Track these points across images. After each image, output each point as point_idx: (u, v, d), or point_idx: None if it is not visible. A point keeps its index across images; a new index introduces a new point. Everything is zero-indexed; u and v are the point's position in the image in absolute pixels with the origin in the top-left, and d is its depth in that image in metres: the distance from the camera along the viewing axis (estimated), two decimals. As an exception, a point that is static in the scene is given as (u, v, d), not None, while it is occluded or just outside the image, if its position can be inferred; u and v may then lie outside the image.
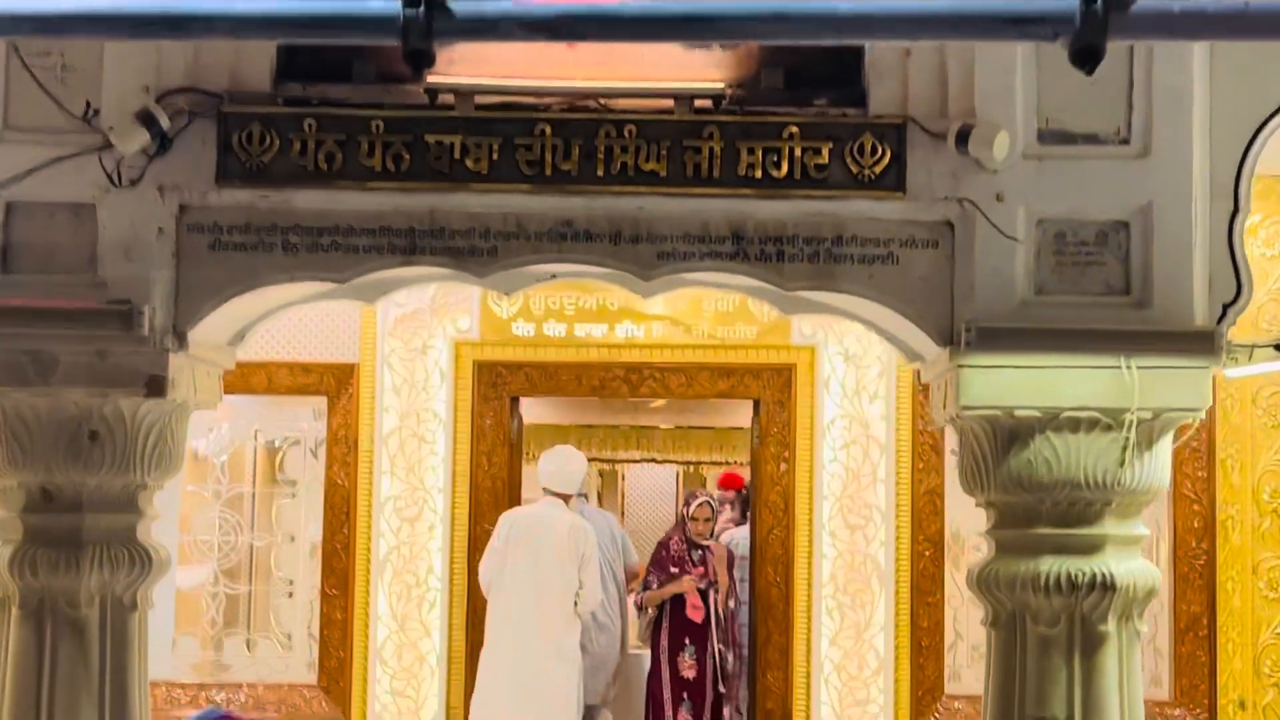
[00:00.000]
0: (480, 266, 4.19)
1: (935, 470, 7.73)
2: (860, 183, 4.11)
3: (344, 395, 7.80)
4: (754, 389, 8.07)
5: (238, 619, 8.06)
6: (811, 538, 7.83)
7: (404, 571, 7.81)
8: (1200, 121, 4.07)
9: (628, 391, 8.26)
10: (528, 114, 4.15)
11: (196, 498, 7.95)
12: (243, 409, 7.78)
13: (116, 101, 4.03)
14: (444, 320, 7.87)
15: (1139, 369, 3.96)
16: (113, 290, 4.05)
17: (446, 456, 7.87)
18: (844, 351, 7.84)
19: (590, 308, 7.86)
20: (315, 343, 7.62)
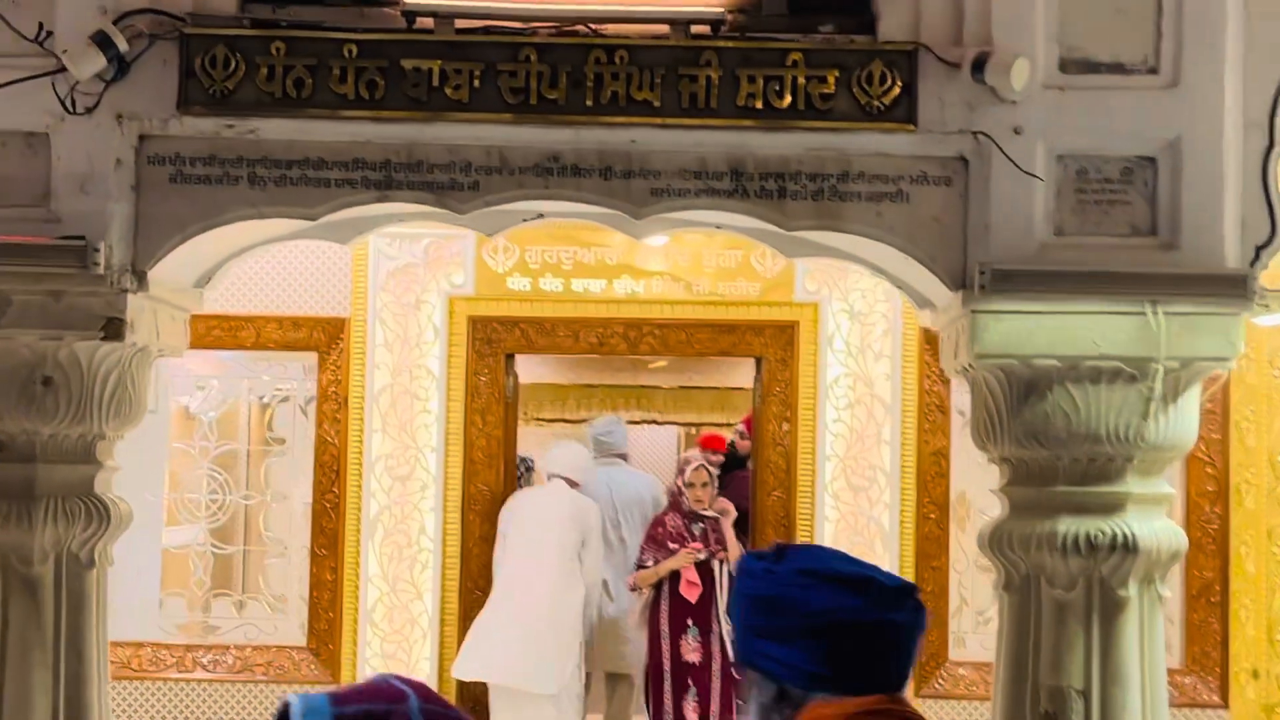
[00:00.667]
0: (460, 203, 4.03)
1: (942, 431, 7.55)
2: (868, 114, 3.93)
3: (335, 351, 7.60)
4: (756, 347, 7.85)
5: (228, 580, 7.95)
6: (814, 500, 7.67)
7: (395, 532, 7.66)
8: (1233, 51, 3.88)
9: (626, 349, 8.09)
10: (512, 39, 3.98)
11: (185, 455, 7.78)
12: (231, 365, 7.62)
13: (71, 23, 3.86)
14: (438, 274, 7.71)
15: (1166, 315, 3.78)
16: (67, 225, 3.89)
17: (440, 415, 7.70)
18: (848, 308, 7.65)
19: (588, 262, 7.72)
20: (305, 296, 7.45)
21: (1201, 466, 7.17)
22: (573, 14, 4.00)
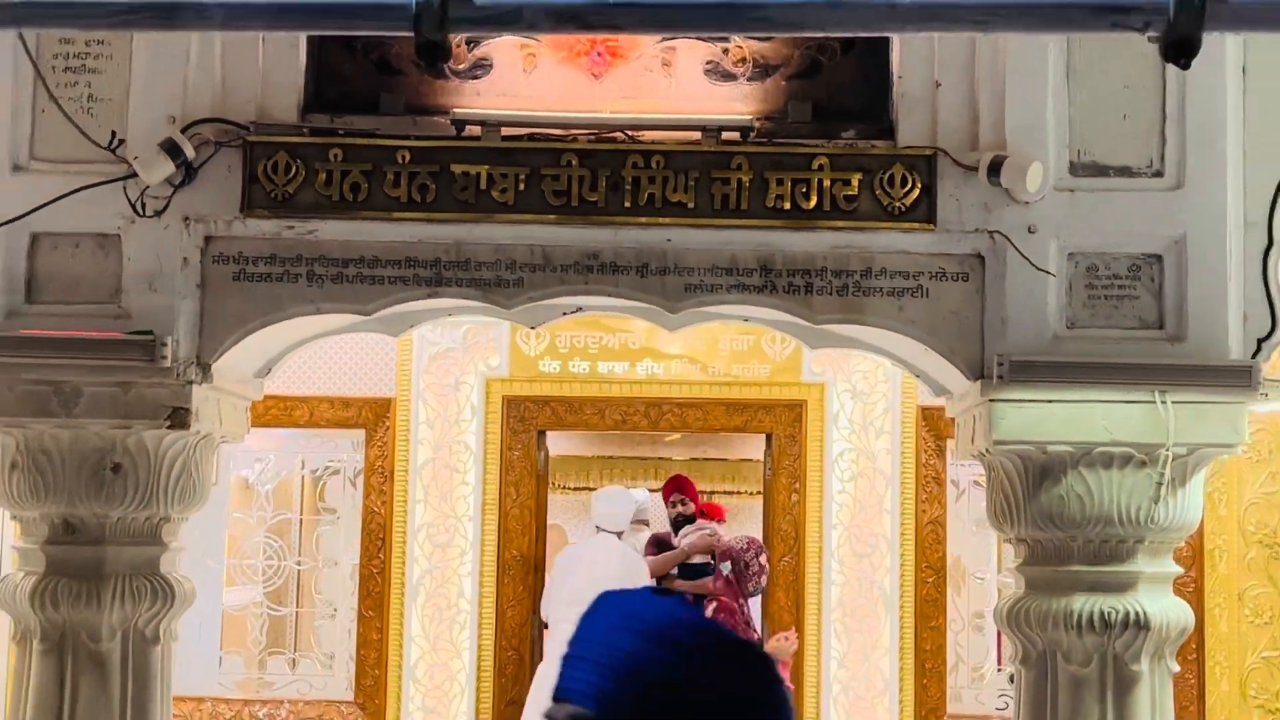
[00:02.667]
0: (506, 299, 3.87)
1: (938, 501, 7.45)
2: (890, 214, 3.79)
3: (381, 428, 7.52)
4: (766, 423, 7.70)
5: (281, 639, 7.84)
6: (821, 565, 7.53)
7: (436, 595, 7.51)
8: (1234, 154, 3.76)
9: (647, 425, 7.90)
10: (554, 145, 3.84)
11: (243, 524, 7.70)
12: (287, 441, 7.54)
13: (142, 131, 3.73)
14: (475, 358, 7.61)
15: (1174, 404, 3.61)
16: (136, 321, 3.74)
17: (477, 486, 7.54)
18: (852, 388, 7.55)
19: (613, 346, 7.59)
20: (354, 378, 7.41)
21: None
22: (611, 122, 3.86)
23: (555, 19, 2.23)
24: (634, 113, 3.90)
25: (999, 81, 3.71)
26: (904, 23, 2.41)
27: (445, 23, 2.08)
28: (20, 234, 3.69)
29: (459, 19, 2.10)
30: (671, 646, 1.53)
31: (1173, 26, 2.03)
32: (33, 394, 3.66)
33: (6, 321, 3.69)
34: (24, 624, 3.80)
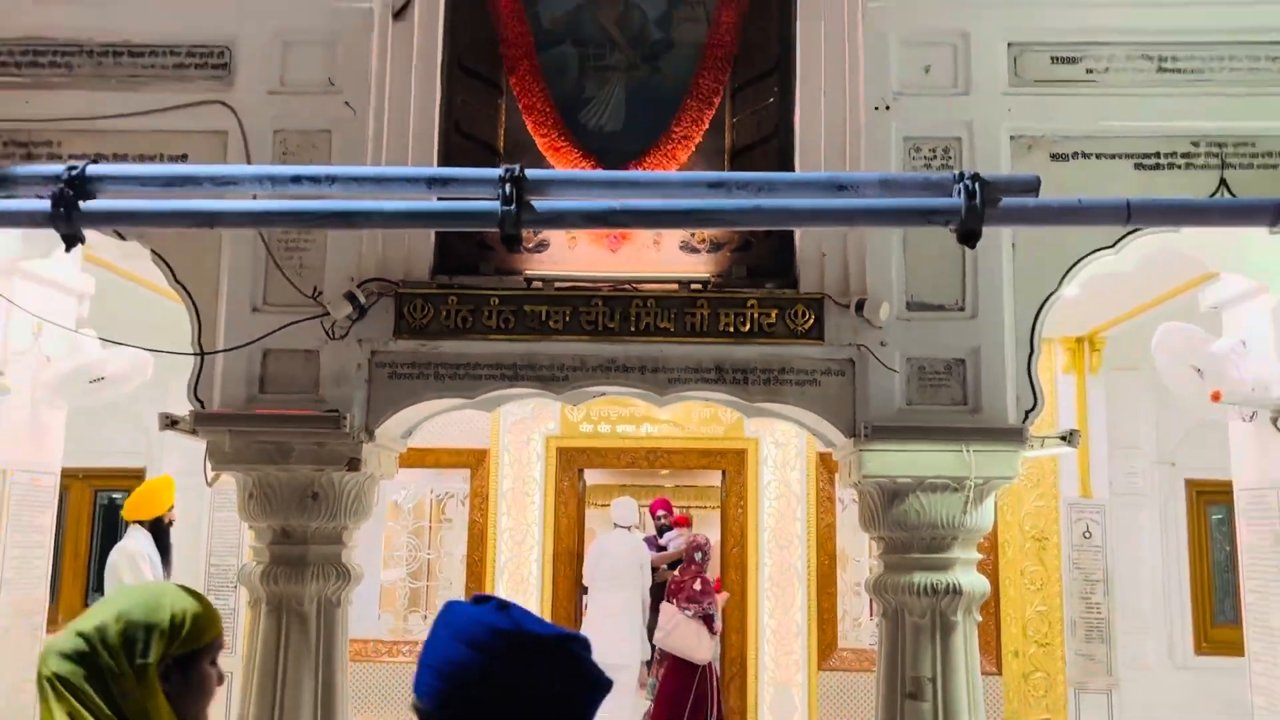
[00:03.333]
0: (558, 390, 4.45)
1: (830, 512, 8.76)
2: (795, 335, 4.36)
3: (480, 468, 8.91)
4: (721, 463, 9.14)
5: (417, 602, 9.18)
6: (758, 553, 8.82)
7: (514, 574, 8.80)
8: (1007, 297, 4.38)
9: (647, 464, 9.28)
10: (588, 293, 4.43)
11: (395, 529, 9.12)
12: (421, 476, 8.87)
13: (332, 286, 4.37)
14: (539, 423, 8.95)
15: (974, 452, 4.23)
16: (328, 404, 4.33)
17: (539, 505, 8.90)
18: (775, 441, 8.86)
19: (625, 415, 8.95)
20: (463, 435, 8.65)
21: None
22: (621, 278, 4.49)
23: (586, 221, 2.76)
24: (636, 272, 4.51)
25: (862, 251, 4.34)
26: (798, 222, 3.15)
27: (519, 224, 2.54)
28: (257, 351, 4.34)
29: (527, 221, 2.56)
30: (478, 648, 1.55)
31: (964, 223, 2.44)
32: (264, 449, 4.27)
33: (247, 404, 4.31)
34: (255, 595, 4.37)
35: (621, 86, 4.89)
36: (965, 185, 2.46)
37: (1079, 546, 8.52)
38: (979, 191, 2.43)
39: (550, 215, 2.58)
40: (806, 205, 2.54)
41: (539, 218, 2.56)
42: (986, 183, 2.44)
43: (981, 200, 2.41)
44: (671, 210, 2.59)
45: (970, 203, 2.41)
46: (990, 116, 4.48)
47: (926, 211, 2.48)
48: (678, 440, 8.94)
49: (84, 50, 4.61)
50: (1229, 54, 4.49)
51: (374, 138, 4.54)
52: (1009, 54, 4.53)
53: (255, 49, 4.61)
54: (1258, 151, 4.43)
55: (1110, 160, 4.46)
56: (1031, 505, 8.55)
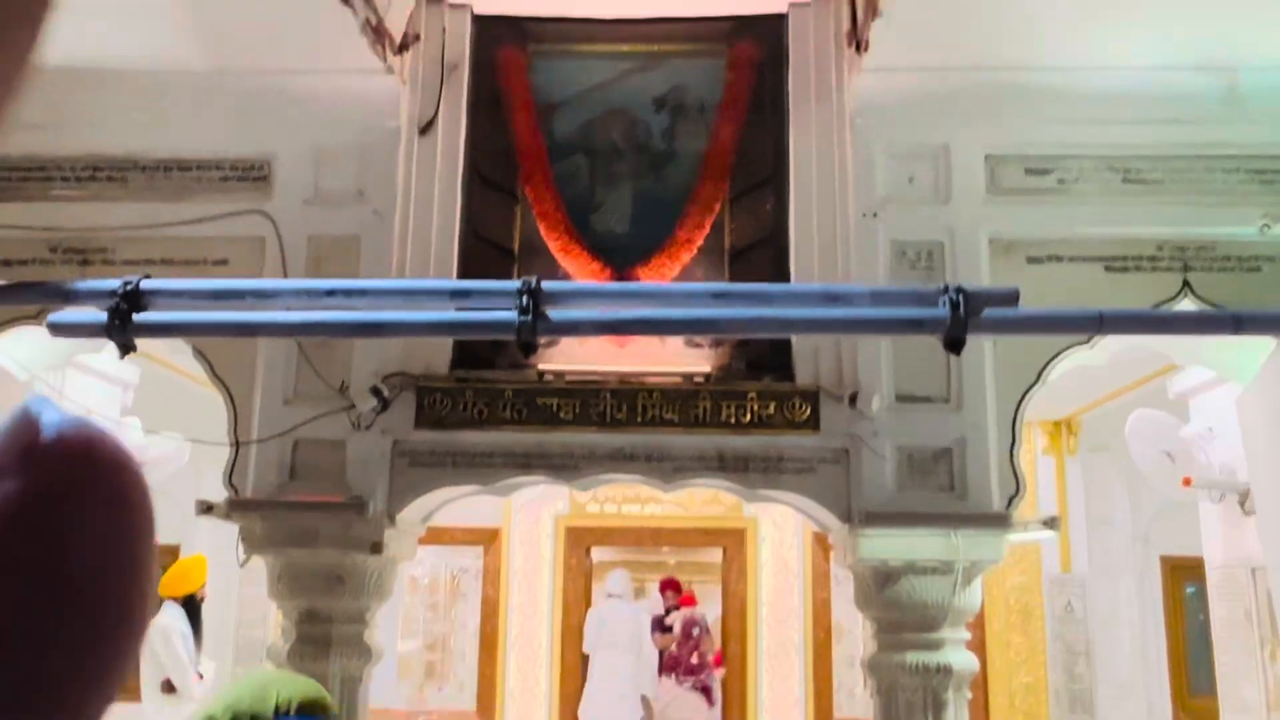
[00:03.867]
0: (569, 477, 4.49)
1: (825, 588, 8.65)
2: (792, 425, 4.39)
3: (493, 545, 8.87)
4: (722, 541, 9.06)
5: (433, 673, 9.00)
6: (756, 625, 8.71)
7: (525, 647, 8.70)
8: (991, 390, 4.41)
9: (652, 543, 9.32)
10: (597, 386, 4.46)
11: (412, 603, 8.98)
12: (438, 552, 8.73)
13: (358, 381, 4.41)
14: (549, 503, 8.87)
15: (961, 536, 4.23)
16: (353, 491, 4.37)
17: (550, 581, 8.83)
18: (773, 521, 8.76)
19: (632, 495, 8.84)
20: (477, 515, 8.34)
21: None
22: (629, 372, 4.48)
23: (597, 330, 2.82)
24: (643, 366, 4.49)
25: (853, 347, 4.36)
26: (794, 331, 3.23)
27: (535, 332, 2.61)
28: (288, 440, 4.37)
29: (543, 329, 2.62)
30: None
31: (949, 332, 2.51)
32: (292, 534, 4.29)
33: (278, 490, 4.33)
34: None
35: (629, 193, 4.99)
36: (950, 297, 2.49)
37: (1061, 619, 8.45)
38: (963, 303, 2.48)
39: (565, 324, 2.65)
40: (802, 315, 2.59)
41: (554, 326, 2.63)
42: (970, 295, 2.47)
43: (965, 311, 2.48)
44: (677, 320, 2.66)
45: (955, 314, 2.49)
46: (970, 222, 4.55)
47: (914, 322, 2.54)
48: (681, 520, 8.90)
49: (138, 165, 4.73)
50: (1187, 167, 4.57)
51: (399, 242, 4.62)
52: (986, 165, 4.63)
53: (292, 163, 4.72)
54: (1217, 255, 4.49)
55: (1082, 263, 4.52)
56: (1015, 580, 8.48)
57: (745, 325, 2.67)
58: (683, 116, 5.03)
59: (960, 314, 2.47)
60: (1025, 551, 8.43)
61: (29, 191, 4.72)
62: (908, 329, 2.57)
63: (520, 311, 2.55)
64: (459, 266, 4.66)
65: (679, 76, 5.05)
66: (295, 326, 2.64)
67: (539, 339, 2.67)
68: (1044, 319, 2.52)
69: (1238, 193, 4.52)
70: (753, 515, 8.76)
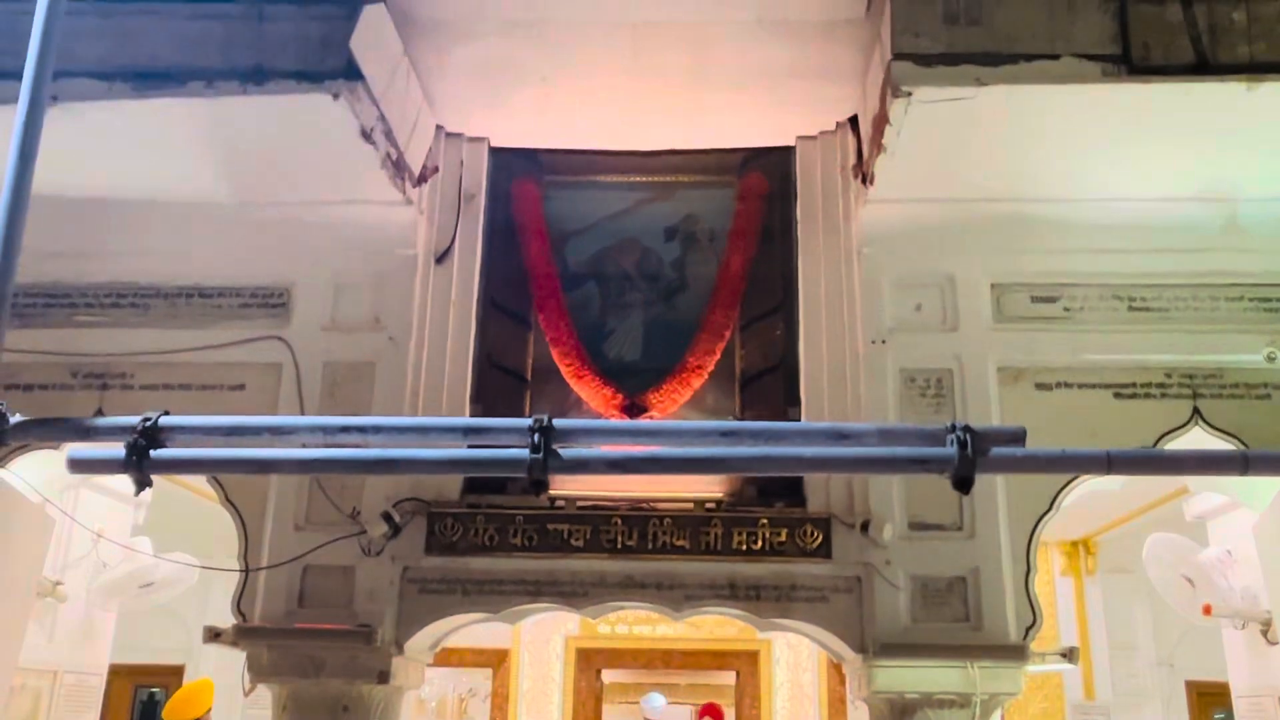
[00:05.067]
0: (578, 604, 4.49)
1: (841, 714, 8.27)
2: (804, 553, 4.40)
3: (502, 667, 8.68)
4: (735, 664, 8.84)
5: None
6: None
7: None
8: (1004, 518, 4.42)
9: (663, 665, 8.97)
10: (607, 512, 4.49)
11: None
12: (446, 674, 8.59)
13: (370, 506, 4.45)
14: (559, 625, 8.68)
15: (978, 668, 4.19)
16: (361, 618, 4.35)
17: (559, 703, 8.59)
18: (787, 643, 8.52)
19: (643, 617, 8.59)
20: (486, 636, 8.18)
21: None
22: (640, 499, 4.52)
23: (607, 466, 2.59)
24: (653, 493, 4.51)
25: (865, 477, 4.38)
26: (804, 469, 3.20)
27: (545, 470, 2.48)
28: (298, 567, 4.39)
29: (553, 468, 2.47)
30: None
31: (956, 471, 2.41)
32: (299, 663, 4.25)
33: (286, 618, 4.33)
34: None
35: (640, 320, 5.07)
36: (958, 436, 2.48)
37: (1088, 749, 8.16)
38: (970, 442, 2.44)
39: (575, 462, 2.57)
40: (811, 454, 2.55)
41: (564, 464, 2.56)
42: (977, 434, 2.46)
43: (973, 450, 2.42)
44: (687, 458, 2.61)
45: (963, 453, 2.43)
46: (978, 350, 4.60)
47: (922, 460, 2.48)
48: (693, 641, 8.72)
49: (160, 293, 4.84)
50: (1191, 295, 4.63)
51: (414, 367, 4.68)
52: (992, 294, 4.69)
53: (310, 291, 4.82)
54: (1225, 382, 4.51)
55: (1090, 389, 4.54)
56: (1038, 708, 8.22)
57: (754, 464, 2.65)
58: (693, 246, 5.14)
59: (968, 453, 2.42)
60: (1046, 678, 8.19)
61: (53, 318, 4.82)
62: (915, 468, 2.49)
63: (531, 449, 2.51)
64: (473, 392, 4.72)
65: (690, 206, 5.17)
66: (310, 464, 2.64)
67: (549, 477, 2.59)
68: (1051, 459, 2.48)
69: (1242, 320, 4.56)
70: (767, 637, 8.52)
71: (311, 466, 2.70)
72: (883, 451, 2.58)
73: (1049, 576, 8.40)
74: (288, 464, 2.64)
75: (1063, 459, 2.52)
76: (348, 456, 2.64)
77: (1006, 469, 2.57)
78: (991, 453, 2.46)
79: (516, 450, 2.57)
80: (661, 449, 2.64)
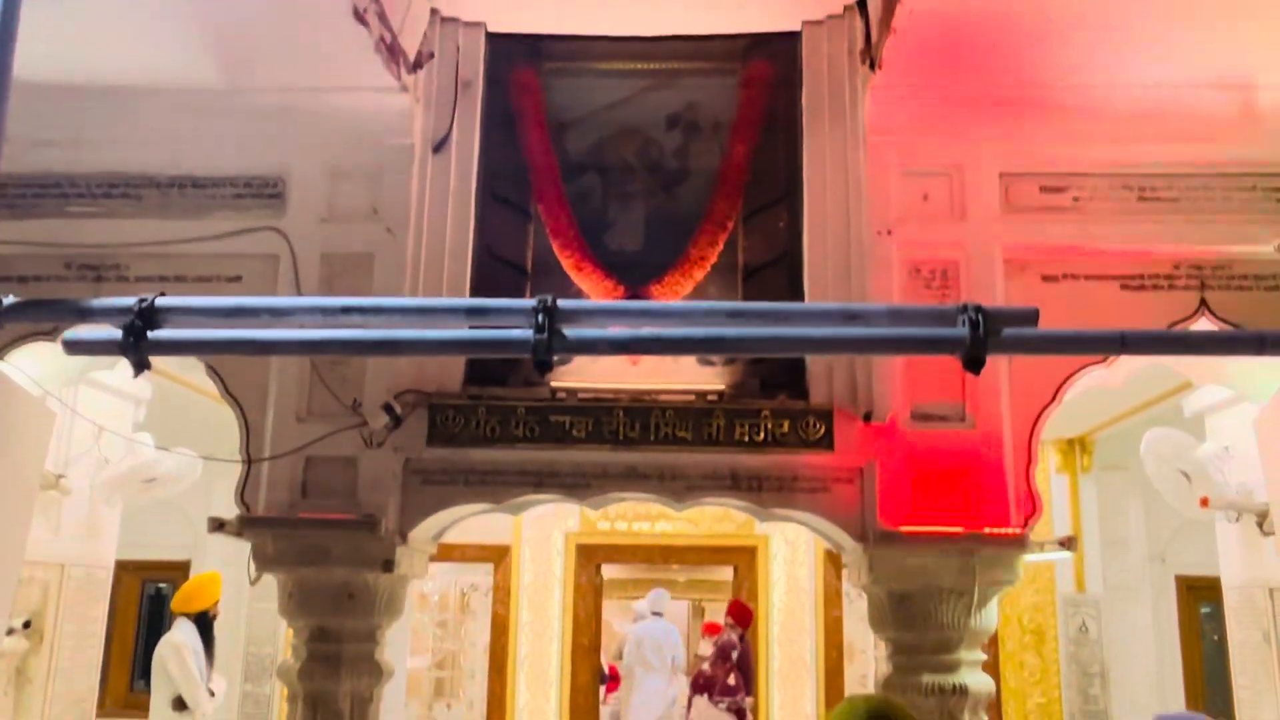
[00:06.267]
0: (580, 496, 4.48)
1: (837, 606, 8.57)
2: (807, 444, 4.38)
3: (503, 562, 8.79)
4: (733, 559, 8.99)
5: (442, 691, 9.12)
6: (768, 646, 8.61)
7: (535, 664, 8.66)
8: (1006, 409, 4.41)
9: (662, 560, 9.17)
10: (609, 404, 4.45)
11: (421, 620, 9.00)
12: (448, 569, 8.77)
13: (371, 398, 4.41)
14: (560, 520, 8.80)
15: (978, 559, 4.22)
16: (365, 508, 4.36)
17: (560, 598, 8.74)
18: (785, 539, 8.68)
19: (642, 513, 8.77)
20: (487, 532, 8.27)
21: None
22: (642, 390, 4.50)
23: (614, 349, 2.70)
24: (655, 384, 4.50)
25: (868, 366, 4.38)
26: (812, 350, 3.18)
27: (550, 350, 2.49)
28: (300, 458, 4.36)
29: (558, 348, 2.51)
30: None
31: (968, 351, 2.43)
32: (304, 552, 4.27)
33: (290, 508, 4.32)
34: (292, 690, 4.35)
35: (641, 211, 4.97)
36: (969, 316, 2.46)
37: (1076, 640, 8.34)
38: (982, 322, 2.43)
39: (580, 343, 2.55)
40: (820, 334, 2.53)
41: (570, 345, 2.54)
42: (989, 314, 2.44)
43: (985, 331, 2.40)
44: (694, 338, 2.56)
45: (974, 333, 2.41)
46: (985, 240, 4.52)
47: (933, 341, 2.48)
48: (691, 537, 8.82)
49: (153, 183, 4.73)
50: (1203, 185, 4.55)
51: (413, 260, 4.60)
52: (1001, 184, 4.60)
53: (306, 181, 4.71)
54: (1234, 274, 4.47)
55: (1097, 281, 4.49)
56: (1029, 601, 8.39)
57: (762, 344, 2.60)
58: (696, 135, 5.02)
59: (980, 333, 2.40)
60: (1039, 571, 8.34)
61: (44, 208, 4.72)
62: (926, 348, 2.51)
63: (536, 330, 2.48)
64: (472, 284, 4.65)
65: (692, 95, 5.04)
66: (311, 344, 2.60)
67: (554, 357, 2.58)
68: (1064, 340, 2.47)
69: (1253, 211, 4.49)
70: (764, 532, 8.71)
71: (312, 348, 2.67)
72: (893, 332, 2.57)
73: (1045, 474, 8.48)
74: (289, 345, 2.60)
75: (1076, 340, 2.53)
76: (350, 338, 2.61)
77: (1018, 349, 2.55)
78: (1003, 333, 2.44)
79: (521, 331, 2.54)
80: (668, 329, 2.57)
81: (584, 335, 2.55)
